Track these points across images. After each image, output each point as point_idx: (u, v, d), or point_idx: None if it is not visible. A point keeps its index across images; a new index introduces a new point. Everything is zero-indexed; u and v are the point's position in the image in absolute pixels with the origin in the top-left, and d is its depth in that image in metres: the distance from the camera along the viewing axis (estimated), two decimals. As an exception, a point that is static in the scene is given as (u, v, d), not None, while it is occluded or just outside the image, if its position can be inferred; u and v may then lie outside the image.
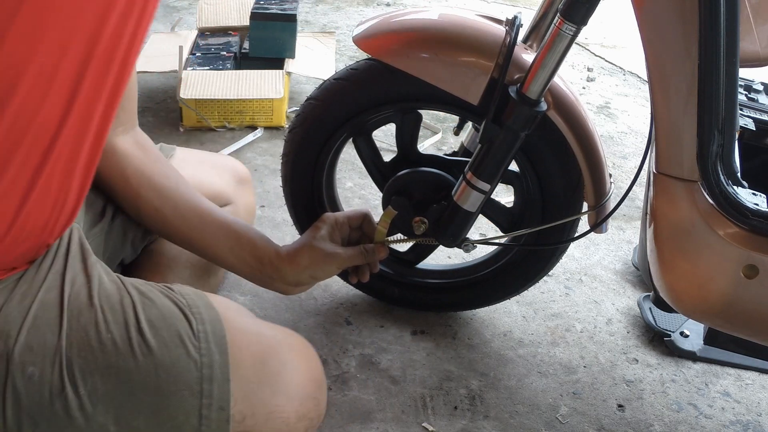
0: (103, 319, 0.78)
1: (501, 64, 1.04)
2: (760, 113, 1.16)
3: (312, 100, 1.18)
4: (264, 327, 0.90)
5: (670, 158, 0.92)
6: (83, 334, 0.77)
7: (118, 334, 0.78)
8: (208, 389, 0.79)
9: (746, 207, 0.89)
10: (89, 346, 0.76)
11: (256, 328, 0.88)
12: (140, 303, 0.81)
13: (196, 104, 1.91)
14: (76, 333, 0.77)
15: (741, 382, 1.29)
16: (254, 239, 1.05)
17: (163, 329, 0.80)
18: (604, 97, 2.36)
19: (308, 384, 0.89)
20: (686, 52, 0.87)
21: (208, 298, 0.87)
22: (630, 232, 1.68)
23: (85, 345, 0.76)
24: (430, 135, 2.01)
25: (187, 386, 0.78)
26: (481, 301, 1.35)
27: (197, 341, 0.80)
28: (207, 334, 0.81)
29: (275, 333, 0.91)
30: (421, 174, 1.16)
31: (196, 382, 0.78)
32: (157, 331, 0.79)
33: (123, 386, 0.77)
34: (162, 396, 0.78)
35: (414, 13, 1.14)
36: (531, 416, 1.18)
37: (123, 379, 0.77)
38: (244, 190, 1.28)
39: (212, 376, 0.79)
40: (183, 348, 0.79)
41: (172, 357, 0.78)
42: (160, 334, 0.79)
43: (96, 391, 0.76)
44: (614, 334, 1.38)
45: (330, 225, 1.09)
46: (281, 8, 2.06)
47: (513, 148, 1.04)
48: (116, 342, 0.77)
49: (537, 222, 1.19)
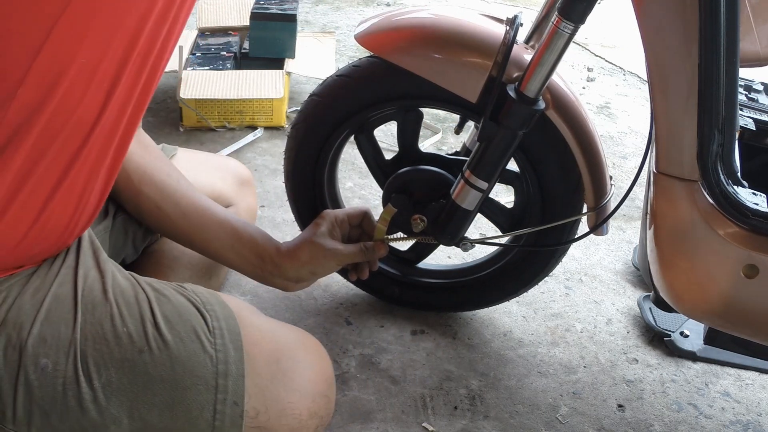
0: (119, 313, 0.79)
1: (500, 62, 1.04)
2: (760, 113, 1.16)
3: (314, 96, 1.19)
4: (277, 326, 0.92)
5: (670, 158, 0.92)
6: (98, 327, 0.78)
7: (133, 328, 0.78)
8: (223, 384, 0.80)
9: (746, 207, 0.89)
10: (104, 339, 0.77)
11: (270, 326, 0.90)
12: (155, 299, 0.82)
13: (196, 104, 1.91)
14: (90, 326, 0.78)
15: (741, 382, 1.29)
16: (255, 236, 1.05)
17: (179, 324, 0.80)
18: (604, 97, 2.36)
19: (320, 382, 0.90)
20: (686, 52, 0.87)
21: (222, 296, 0.88)
22: (630, 232, 1.68)
23: (100, 338, 0.77)
24: (431, 135, 2.01)
25: (202, 380, 0.79)
26: (481, 302, 1.35)
27: (213, 337, 0.81)
28: (222, 330, 0.82)
29: (288, 332, 0.92)
30: (422, 172, 1.16)
31: (212, 376, 0.79)
32: (173, 326, 0.80)
33: (138, 379, 0.77)
34: (177, 390, 0.78)
35: (415, 12, 1.14)
36: (531, 416, 1.18)
37: (139, 372, 0.77)
38: (246, 191, 1.28)
39: (227, 372, 0.80)
40: (199, 343, 0.80)
41: (188, 351, 0.79)
42: (175, 329, 0.80)
43: (110, 384, 0.76)
44: (614, 334, 1.38)
45: (330, 222, 1.09)
46: (281, 8, 2.06)
47: (511, 147, 1.04)
48: (132, 336, 0.78)
49: (537, 222, 1.19)
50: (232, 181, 1.25)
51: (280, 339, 0.89)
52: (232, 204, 1.23)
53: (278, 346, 0.87)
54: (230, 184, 1.24)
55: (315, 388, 0.89)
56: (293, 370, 0.87)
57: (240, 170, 1.29)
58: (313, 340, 0.96)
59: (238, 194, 1.25)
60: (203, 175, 1.17)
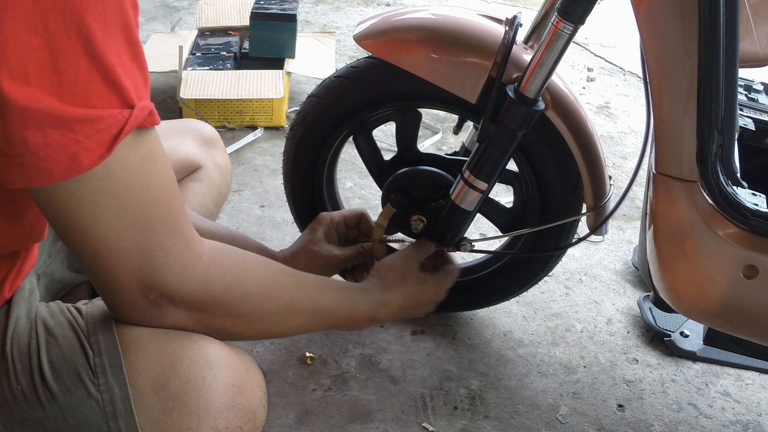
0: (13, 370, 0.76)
1: (499, 62, 1.04)
2: (760, 113, 1.16)
3: (313, 97, 1.19)
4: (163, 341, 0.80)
5: (669, 158, 0.92)
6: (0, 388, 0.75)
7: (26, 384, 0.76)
8: (115, 426, 0.76)
9: (746, 207, 0.88)
10: (5, 400, 0.75)
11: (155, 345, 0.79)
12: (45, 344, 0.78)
13: (196, 104, 1.91)
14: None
15: (741, 382, 1.29)
16: (252, 247, 1.05)
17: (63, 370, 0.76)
18: (604, 97, 2.36)
19: (221, 395, 0.79)
20: (686, 52, 0.87)
21: None
22: (630, 232, 1.68)
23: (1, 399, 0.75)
24: (431, 135, 2.01)
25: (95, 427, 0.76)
26: (481, 302, 1.35)
27: (95, 377, 0.76)
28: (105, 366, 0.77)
29: (174, 346, 0.80)
30: (421, 172, 1.16)
31: (102, 421, 0.76)
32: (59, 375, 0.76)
33: None
34: None
35: (414, 12, 1.14)
36: (531, 416, 1.18)
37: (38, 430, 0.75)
38: (213, 151, 1.24)
39: (116, 413, 0.76)
40: (84, 388, 0.76)
41: (74, 400, 0.76)
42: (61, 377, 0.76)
43: None
44: (614, 334, 1.38)
45: (326, 225, 1.09)
46: (281, 8, 2.06)
47: (510, 147, 1.04)
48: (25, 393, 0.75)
49: (536, 222, 1.19)
50: (197, 143, 1.22)
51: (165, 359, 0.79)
52: (201, 165, 1.20)
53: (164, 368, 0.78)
54: (195, 146, 1.21)
55: (216, 404, 0.78)
56: (184, 392, 0.78)
57: (201, 129, 1.25)
58: (210, 344, 0.82)
59: (204, 155, 1.22)
60: (166, 141, 1.14)
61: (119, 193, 0.68)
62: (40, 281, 0.93)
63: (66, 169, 0.63)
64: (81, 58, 0.61)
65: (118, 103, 0.64)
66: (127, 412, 0.76)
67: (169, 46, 2.11)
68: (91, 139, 0.63)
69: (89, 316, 0.80)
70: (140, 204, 0.69)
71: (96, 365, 0.77)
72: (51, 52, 0.60)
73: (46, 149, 0.62)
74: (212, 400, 0.78)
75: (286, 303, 0.86)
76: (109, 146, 0.64)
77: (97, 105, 0.63)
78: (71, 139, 0.62)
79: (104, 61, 0.62)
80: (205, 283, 0.77)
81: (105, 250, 0.70)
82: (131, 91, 0.65)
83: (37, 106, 0.61)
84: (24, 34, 0.59)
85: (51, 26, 0.59)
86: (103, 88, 0.63)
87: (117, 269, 0.71)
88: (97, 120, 0.63)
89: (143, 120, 0.67)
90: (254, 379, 0.84)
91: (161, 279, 0.74)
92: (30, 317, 0.79)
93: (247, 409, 0.81)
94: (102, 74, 0.63)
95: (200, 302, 0.78)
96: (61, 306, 0.81)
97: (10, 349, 0.77)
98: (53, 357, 0.77)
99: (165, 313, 0.77)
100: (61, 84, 0.61)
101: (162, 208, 0.71)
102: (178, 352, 0.79)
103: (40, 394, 0.75)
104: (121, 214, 0.68)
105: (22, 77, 0.60)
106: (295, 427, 1.13)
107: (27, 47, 0.59)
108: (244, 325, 0.85)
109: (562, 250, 1.24)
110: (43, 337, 0.78)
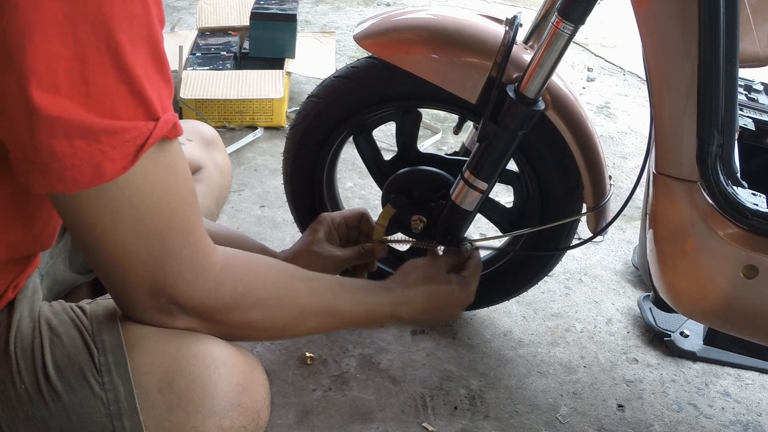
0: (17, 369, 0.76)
1: (499, 62, 1.04)
2: (760, 113, 1.16)
3: (313, 97, 1.19)
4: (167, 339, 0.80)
5: (669, 158, 0.92)
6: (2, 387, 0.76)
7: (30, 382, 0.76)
8: (120, 425, 0.76)
9: (746, 207, 0.88)
10: (9, 399, 0.75)
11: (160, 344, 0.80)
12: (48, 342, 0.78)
13: (196, 104, 1.91)
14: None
15: (741, 382, 1.29)
16: (253, 248, 1.05)
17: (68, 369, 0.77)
18: (604, 97, 2.36)
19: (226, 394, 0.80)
20: (686, 52, 0.87)
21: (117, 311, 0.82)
22: (630, 232, 1.68)
23: (5, 398, 0.75)
24: (431, 135, 2.01)
25: (99, 426, 0.76)
26: (481, 302, 1.35)
27: (100, 376, 0.77)
28: (109, 365, 0.77)
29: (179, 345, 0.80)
30: (421, 172, 1.16)
31: (107, 420, 0.76)
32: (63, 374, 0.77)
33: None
34: None
35: (414, 12, 1.14)
36: (531, 416, 1.18)
37: (42, 428, 0.75)
38: (213, 151, 1.24)
39: (120, 412, 0.76)
40: (88, 387, 0.76)
41: (79, 398, 0.76)
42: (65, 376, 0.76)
43: None
44: (614, 334, 1.38)
45: (327, 226, 1.09)
46: (281, 8, 2.06)
47: (510, 147, 1.04)
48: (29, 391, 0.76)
49: (536, 222, 1.19)
50: (197, 143, 1.22)
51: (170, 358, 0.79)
52: (202, 166, 1.20)
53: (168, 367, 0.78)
54: (195, 146, 1.21)
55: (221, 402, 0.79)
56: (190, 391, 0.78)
57: (202, 130, 1.25)
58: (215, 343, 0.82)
59: (204, 156, 1.21)
60: None
61: (138, 203, 0.68)
62: (43, 281, 0.93)
63: (90, 179, 0.64)
64: (109, 70, 0.62)
65: (144, 115, 0.65)
66: (132, 410, 0.76)
67: (169, 46, 2.08)
68: (116, 150, 0.64)
69: (93, 315, 0.80)
70: (158, 213, 0.70)
71: (100, 364, 0.77)
72: (80, 63, 0.61)
73: (72, 158, 0.63)
74: (217, 399, 0.79)
75: (299, 308, 0.87)
76: (133, 157, 0.65)
77: (123, 116, 0.64)
78: (97, 149, 0.63)
79: (131, 73, 0.63)
80: (216, 291, 0.78)
81: (119, 254, 0.71)
82: (156, 104, 0.66)
83: (66, 116, 0.61)
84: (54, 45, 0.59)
85: (81, 38, 0.60)
86: (130, 100, 0.64)
87: (130, 273, 0.72)
88: (122, 131, 0.64)
89: (167, 132, 0.68)
90: (258, 379, 0.84)
91: (173, 286, 0.74)
92: (33, 316, 0.79)
93: (252, 408, 0.81)
94: (129, 86, 0.63)
95: (210, 310, 0.79)
96: (65, 305, 0.82)
97: (14, 348, 0.77)
98: (57, 356, 0.77)
99: (174, 318, 0.78)
100: (90, 95, 0.62)
101: (179, 218, 0.72)
102: (183, 350, 0.79)
103: (44, 393, 0.75)
104: (138, 222, 0.69)
105: (51, 87, 0.60)
106: (295, 427, 1.13)
107: (57, 58, 0.60)
108: (256, 332, 0.86)
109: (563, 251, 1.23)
110: (47, 335, 0.78)
